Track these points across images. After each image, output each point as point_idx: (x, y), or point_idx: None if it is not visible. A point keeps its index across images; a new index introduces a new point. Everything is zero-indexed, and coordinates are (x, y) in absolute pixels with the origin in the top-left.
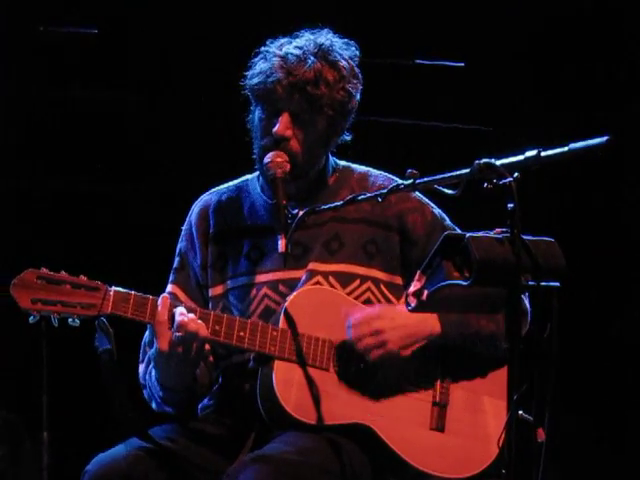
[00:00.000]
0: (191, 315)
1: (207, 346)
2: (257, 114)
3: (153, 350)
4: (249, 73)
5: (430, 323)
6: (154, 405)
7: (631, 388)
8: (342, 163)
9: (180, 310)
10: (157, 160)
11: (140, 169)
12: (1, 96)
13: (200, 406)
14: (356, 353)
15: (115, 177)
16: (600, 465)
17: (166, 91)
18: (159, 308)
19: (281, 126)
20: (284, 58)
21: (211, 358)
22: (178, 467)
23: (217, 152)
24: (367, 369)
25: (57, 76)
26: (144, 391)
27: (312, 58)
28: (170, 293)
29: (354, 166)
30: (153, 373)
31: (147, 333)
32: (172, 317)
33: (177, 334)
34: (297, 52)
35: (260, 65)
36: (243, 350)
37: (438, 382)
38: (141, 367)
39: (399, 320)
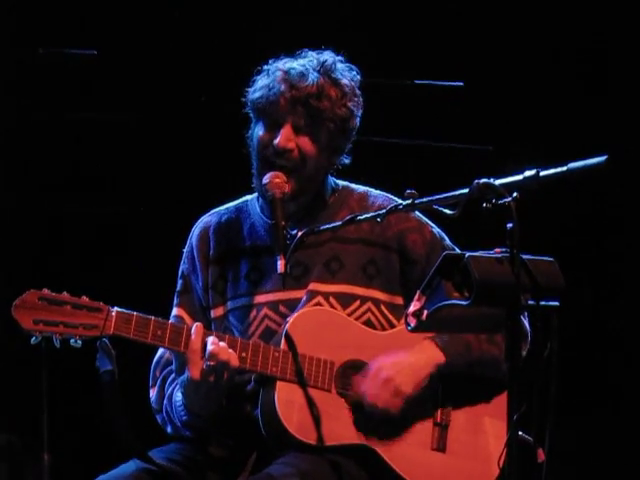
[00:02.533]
0: (222, 344)
1: None
2: (257, 130)
3: (183, 377)
4: (250, 89)
5: (432, 353)
6: (169, 429)
7: (631, 406)
8: (341, 183)
9: (212, 339)
10: (157, 181)
11: (140, 190)
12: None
13: None
14: (379, 413)
15: (116, 198)
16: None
17: (166, 112)
18: (193, 337)
19: (283, 138)
20: (287, 72)
21: None
22: None
23: (217, 173)
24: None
25: (56, 98)
26: (157, 416)
27: (315, 74)
28: (176, 316)
29: (353, 186)
30: (179, 398)
31: (157, 357)
32: (204, 346)
33: (209, 363)
34: (300, 68)
35: (263, 80)
36: (244, 371)
37: (439, 403)
38: (152, 392)
39: (401, 363)
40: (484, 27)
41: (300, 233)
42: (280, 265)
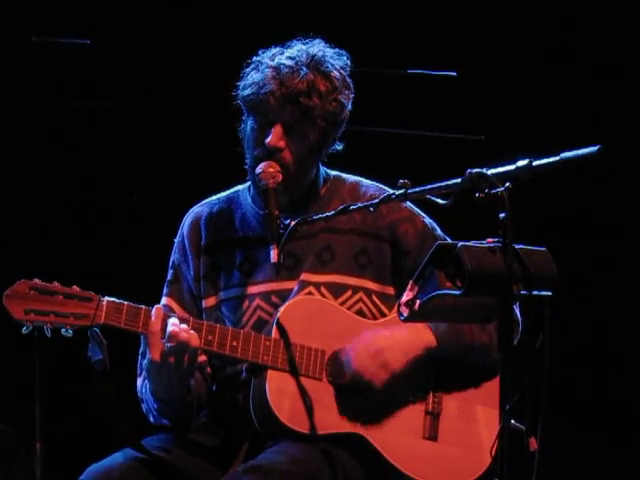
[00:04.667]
0: (183, 325)
1: (204, 357)
2: (249, 124)
3: (146, 361)
4: (241, 84)
5: (424, 336)
6: (151, 418)
7: (624, 395)
8: (333, 173)
9: (172, 321)
10: (149, 171)
11: (132, 180)
12: None
13: None
14: (363, 383)
15: (107, 188)
16: (592, 473)
17: (158, 102)
18: (152, 318)
19: (274, 137)
20: (277, 69)
21: (209, 369)
22: (172, 477)
23: (209, 163)
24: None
25: (49, 87)
26: (142, 405)
27: (305, 69)
28: (165, 305)
29: (345, 176)
30: (147, 385)
31: (142, 345)
32: (165, 327)
33: (168, 344)
34: (290, 63)
35: (252, 76)
36: (236, 360)
37: (431, 391)
38: (139, 380)
39: (394, 338)
40: (478, 16)
41: (293, 223)
42: (273, 255)
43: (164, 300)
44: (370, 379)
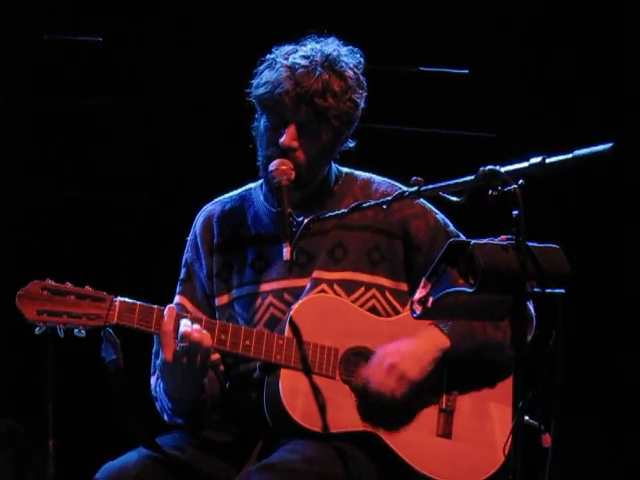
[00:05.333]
0: (195, 325)
1: (217, 355)
2: (263, 123)
3: (159, 361)
4: (255, 82)
5: (437, 340)
6: (166, 417)
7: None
8: (345, 170)
9: (185, 321)
10: (161, 170)
11: (144, 179)
12: (4, 105)
13: None
14: (385, 399)
15: (120, 186)
16: (604, 468)
17: (170, 99)
18: (165, 318)
19: (287, 137)
20: (291, 68)
21: (222, 367)
22: (186, 476)
23: (221, 161)
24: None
25: (61, 85)
26: (156, 404)
27: (319, 69)
28: (178, 304)
29: (357, 173)
30: (161, 385)
31: (155, 344)
32: (177, 327)
33: (181, 344)
34: (304, 62)
35: (266, 75)
36: (249, 359)
37: (445, 389)
38: (153, 379)
39: (405, 349)
40: (490, 13)
41: (306, 220)
42: (286, 252)
43: (177, 299)
44: (392, 394)
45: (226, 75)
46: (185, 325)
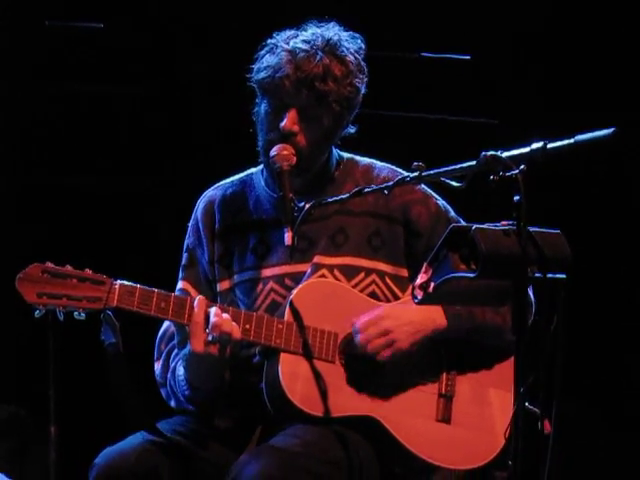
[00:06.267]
0: (225, 315)
1: None
2: (263, 107)
3: (185, 350)
4: (256, 66)
5: (436, 317)
6: (173, 403)
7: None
8: (346, 155)
9: (215, 310)
10: (162, 155)
11: (145, 164)
12: (7, 91)
13: None
14: (366, 355)
15: (121, 172)
16: (604, 454)
17: (171, 84)
18: (195, 309)
19: (288, 121)
20: (292, 52)
21: None
22: (187, 460)
23: (221, 146)
24: (376, 364)
25: (63, 71)
26: (162, 389)
27: (320, 53)
28: (181, 290)
29: (358, 158)
30: (181, 372)
31: (162, 330)
32: (207, 317)
33: (213, 335)
34: (305, 47)
35: (267, 59)
36: (249, 343)
37: (444, 374)
38: (157, 365)
39: (405, 317)
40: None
41: (307, 205)
42: (288, 237)
43: (180, 284)
44: (373, 353)
45: (227, 60)
46: (216, 315)
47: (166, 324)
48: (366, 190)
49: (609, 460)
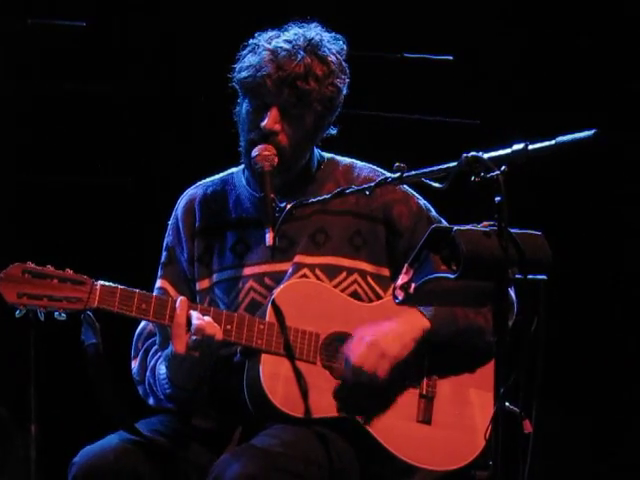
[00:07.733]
0: (207, 318)
1: None
2: (245, 107)
3: (168, 351)
4: (237, 66)
5: (417, 321)
6: (152, 401)
7: (619, 380)
8: (327, 155)
9: (197, 314)
10: (143, 153)
11: (125, 163)
12: None
13: None
14: (366, 377)
15: (101, 170)
16: (585, 454)
17: (153, 84)
18: (177, 310)
19: (270, 120)
20: (274, 52)
21: None
22: (166, 460)
23: (202, 146)
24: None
25: (45, 69)
26: (139, 387)
27: (302, 53)
28: (160, 288)
29: (339, 158)
30: (162, 371)
31: (139, 329)
32: (189, 319)
33: (195, 337)
34: (287, 46)
35: (249, 58)
36: (230, 343)
37: (425, 375)
38: (134, 363)
39: (384, 329)
40: (474, 0)
41: (289, 206)
42: (269, 238)
43: (159, 283)
44: (373, 371)
45: (210, 60)
46: (198, 318)
47: (143, 323)
48: (348, 191)
49: (590, 459)
